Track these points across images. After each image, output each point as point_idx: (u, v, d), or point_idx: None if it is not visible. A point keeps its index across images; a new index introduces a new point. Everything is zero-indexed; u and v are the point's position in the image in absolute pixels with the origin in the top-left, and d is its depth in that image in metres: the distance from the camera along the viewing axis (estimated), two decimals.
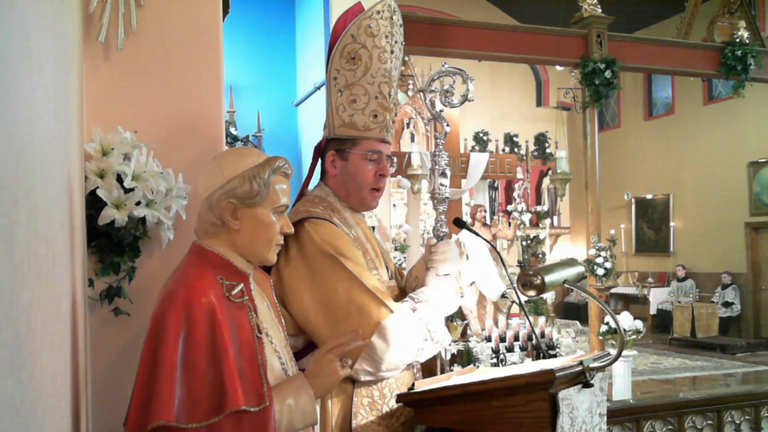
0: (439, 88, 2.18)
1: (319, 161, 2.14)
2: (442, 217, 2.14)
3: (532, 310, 6.23)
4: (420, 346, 1.85)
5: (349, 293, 1.80)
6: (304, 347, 1.91)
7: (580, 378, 1.64)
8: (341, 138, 2.02)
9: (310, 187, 2.16)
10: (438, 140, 2.17)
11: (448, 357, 4.35)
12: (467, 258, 7.42)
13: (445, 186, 2.14)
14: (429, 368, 2.09)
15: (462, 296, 2.20)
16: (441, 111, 2.18)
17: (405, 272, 2.28)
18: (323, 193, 2.05)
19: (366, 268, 1.88)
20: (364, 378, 1.81)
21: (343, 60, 1.99)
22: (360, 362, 1.76)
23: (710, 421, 3.61)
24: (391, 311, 1.80)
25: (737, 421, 3.66)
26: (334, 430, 1.81)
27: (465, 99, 2.17)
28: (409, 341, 1.82)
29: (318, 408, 1.81)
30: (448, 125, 2.18)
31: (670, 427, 3.53)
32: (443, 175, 2.14)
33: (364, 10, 2.03)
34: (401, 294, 2.06)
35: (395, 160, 2.14)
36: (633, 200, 13.79)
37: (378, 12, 2.00)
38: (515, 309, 8.19)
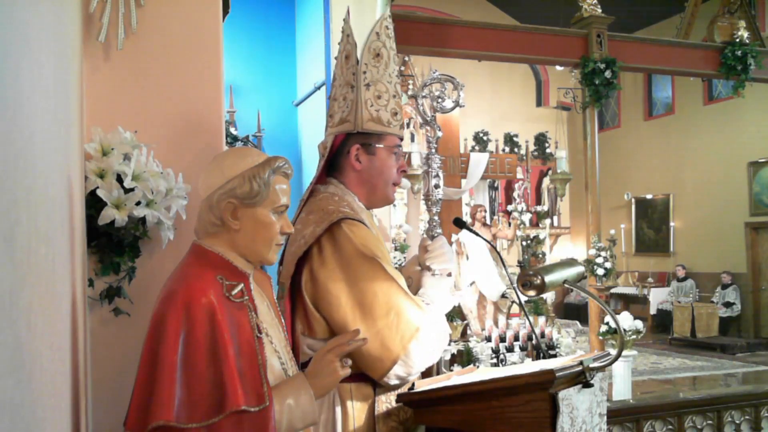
0: (430, 93, 2.24)
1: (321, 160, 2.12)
2: (436, 218, 2.20)
3: (532, 310, 6.23)
4: (440, 348, 1.88)
5: (389, 297, 1.79)
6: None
7: (580, 378, 1.64)
8: (368, 132, 2.00)
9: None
10: (431, 144, 2.22)
11: (448, 357, 4.35)
12: (467, 258, 7.42)
13: (438, 188, 2.20)
14: (427, 369, 2.10)
15: (457, 296, 2.23)
16: (433, 115, 2.24)
17: None
18: (339, 191, 2.00)
19: (397, 271, 1.89)
20: (394, 383, 1.81)
21: (370, 56, 2.02)
22: (395, 368, 1.76)
23: (710, 421, 3.61)
24: (428, 317, 1.82)
25: (737, 421, 3.66)
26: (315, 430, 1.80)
27: (456, 104, 2.23)
28: (437, 345, 1.84)
29: (339, 414, 1.80)
30: (440, 130, 2.25)
31: (670, 427, 3.53)
32: (436, 177, 2.19)
33: (348, 14, 2.12)
34: None
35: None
36: (633, 200, 13.79)
37: (389, 16, 2.08)
38: (515, 309, 8.18)
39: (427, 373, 2.08)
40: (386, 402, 1.85)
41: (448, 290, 2.02)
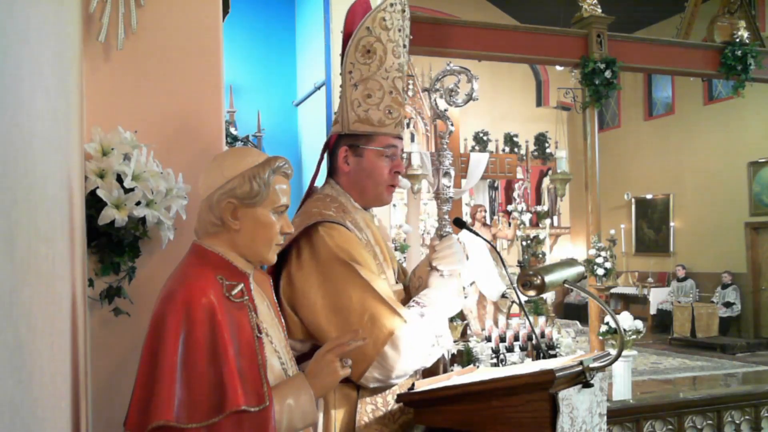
0: (442, 87, 2.17)
1: (326, 159, 2.10)
2: (446, 216, 2.14)
3: (532, 310, 6.23)
4: (429, 352, 1.84)
5: (363, 301, 1.77)
6: (308, 352, 1.89)
7: (580, 378, 1.64)
8: (355, 134, 1.97)
9: (318, 184, 2.11)
10: (442, 140, 2.15)
11: (448, 357, 4.35)
12: (467, 258, 7.43)
13: (449, 186, 2.14)
14: (431, 369, 2.08)
15: (465, 297, 2.18)
16: (445, 110, 2.17)
17: (408, 272, 2.26)
18: (334, 192, 2.00)
19: (378, 275, 1.86)
20: (373, 385, 1.80)
21: (358, 53, 1.95)
22: (371, 370, 1.75)
23: (710, 421, 3.61)
24: (404, 320, 1.78)
25: (737, 421, 3.66)
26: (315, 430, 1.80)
27: (469, 98, 2.15)
28: (419, 349, 1.81)
29: (321, 415, 1.80)
30: (452, 124, 2.17)
31: (670, 427, 3.53)
32: (447, 174, 2.13)
33: (369, 2, 2.00)
34: (405, 294, 2.04)
35: (405, 157, 2.11)
36: (633, 200, 13.79)
37: (391, 5, 1.97)
38: (515, 309, 8.18)
39: (429, 373, 2.07)
40: (371, 403, 1.83)
41: (456, 291, 1.99)
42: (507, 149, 12.55)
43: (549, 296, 8.16)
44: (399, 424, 1.87)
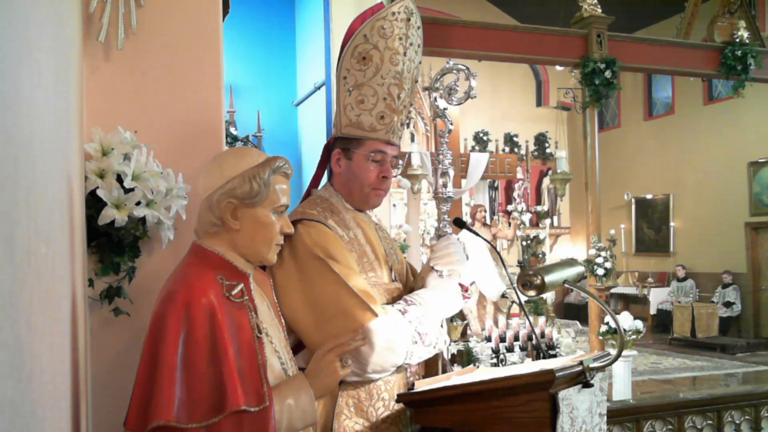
0: (442, 85, 2.18)
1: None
2: (445, 216, 2.14)
3: (532, 310, 6.24)
4: (408, 349, 1.84)
5: (336, 296, 1.80)
6: (294, 346, 1.90)
7: (580, 378, 1.64)
8: (347, 137, 2.01)
9: (320, 186, 2.14)
10: (442, 139, 2.16)
11: (448, 357, 4.36)
12: (467, 258, 7.43)
13: (447, 186, 2.14)
14: (431, 369, 2.08)
15: (469, 297, 2.17)
16: (445, 109, 2.17)
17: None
18: (327, 194, 2.04)
19: (356, 271, 1.87)
20: (351, 379, 1.81)
21: (353, 60, 1.97)
22: None
23: (710, 421, 3.61)
24: (376, 315, 1.79)
25: (737, 421, 3.66)
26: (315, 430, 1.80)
27: (468, 96, 2.15)
28: (394, 344, 1.80)
29: None
30: (451, 123, 2.18)
31: (670, 427, 3.53)
32: (445, 174, 2.14)
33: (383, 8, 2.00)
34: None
35: (401, 161, 2.12)
36: (633, 200, 13.79)
37: (393, 14, 1.97)
38: (515, 309, 8.19)
39: (429, 374, 2.07)
40: (353, 397, 1.84)
41: (455, 292, 1.99)
42: (507, 149, 12.56)
43: (549, 296, 8.17)
44: (381, 419, 1.86)
